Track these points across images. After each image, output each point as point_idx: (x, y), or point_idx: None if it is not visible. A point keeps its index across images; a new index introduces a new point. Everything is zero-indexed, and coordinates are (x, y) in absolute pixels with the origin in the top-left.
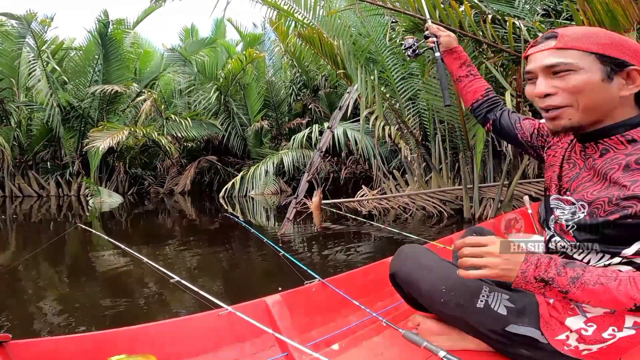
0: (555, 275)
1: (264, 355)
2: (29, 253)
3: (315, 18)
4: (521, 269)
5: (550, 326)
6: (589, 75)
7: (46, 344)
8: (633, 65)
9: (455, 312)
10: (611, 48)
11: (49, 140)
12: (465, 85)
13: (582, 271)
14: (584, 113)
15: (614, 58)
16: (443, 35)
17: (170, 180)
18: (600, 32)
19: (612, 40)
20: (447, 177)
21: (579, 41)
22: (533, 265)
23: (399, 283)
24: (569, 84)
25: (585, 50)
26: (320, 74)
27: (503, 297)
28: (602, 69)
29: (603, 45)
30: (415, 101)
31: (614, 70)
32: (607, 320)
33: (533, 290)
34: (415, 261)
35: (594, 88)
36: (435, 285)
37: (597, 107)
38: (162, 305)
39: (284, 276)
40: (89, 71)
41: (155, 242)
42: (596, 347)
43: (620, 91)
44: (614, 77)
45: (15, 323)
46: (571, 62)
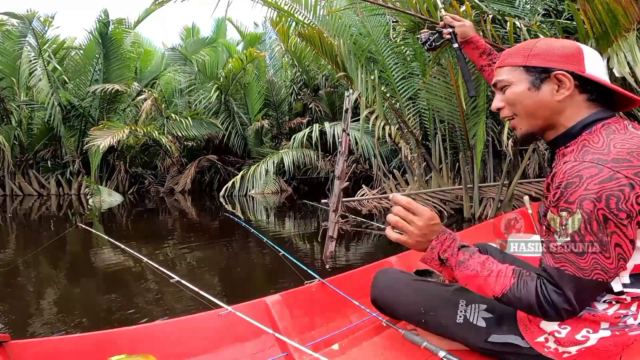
0: (449, 256)
1: (264, 355)
2: (29, 252)
3: (316, 18)
4: (431, 245)
5: (530, 329)
6: (517, 87)
7: (46, 344)
8: (558, 69)
9: (438, 331)
10: (534, 58)
11: (50, 139)
12: (490, 74)
13: (469, 256)
14: (527, 121)
15: (537, 67)
16: (458, 25)
17: (170, 180)
18: (529, 44)
19: (536, 50)
20: (447, 177)
21: (510, 57)
22: (440, 243)
23: (381, 307)
24: (507, 97)
25: (513, 65)
26: (321, 74)
27: (480, 308)
28: (528, 78)
29: (526, 56)
30: (416, 101)
31: (539, 78)
32: (581, 323)
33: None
34: (390, 288)
35: (523, 98)
36: (413, 308)
37: (535, 114)
38: (162, 305)
39: (284, 276)
40: (90, 70)
41: (156, 242)
42: (575, 349)
43: (554, 96)
44: (541, 84)
45: (15, 323)
46: (504, 77)
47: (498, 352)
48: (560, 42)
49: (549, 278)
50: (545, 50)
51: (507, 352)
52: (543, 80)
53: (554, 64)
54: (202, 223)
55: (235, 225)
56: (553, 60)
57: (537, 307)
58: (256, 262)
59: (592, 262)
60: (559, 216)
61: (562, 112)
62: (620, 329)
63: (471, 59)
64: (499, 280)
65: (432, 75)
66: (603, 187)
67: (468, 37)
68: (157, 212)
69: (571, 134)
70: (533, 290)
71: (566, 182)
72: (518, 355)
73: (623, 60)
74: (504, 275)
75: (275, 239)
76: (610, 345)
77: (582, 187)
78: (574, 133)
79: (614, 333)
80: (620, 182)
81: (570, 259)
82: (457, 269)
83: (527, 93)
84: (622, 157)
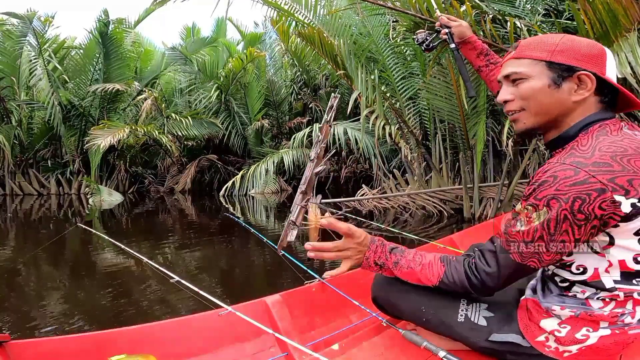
0: (385, 260)
1: (264, 355)
2: (29, 252)
3: (316, 17)
4: (365, 255)
5: (530, 328)
6: (536, 82)
7: (46, 344)
8: (583, 69)
9: (439, 329)
10: (559, 54)
11: (50, 138)
12: (487, 75)
13: (400, 256)
14: (536, 117)
15: (561, 64)
16: (454, 25)
17: (170, 179)
18: (554, 39)
19: (562, 47)
20: (447, 177)
21: (531, 49)
22: (373, 252)
23: (382, 305)
24: (521, 91)
25: (535, 58)
26: (321, 73)
27: (482, 307)
28: (549, 75)
29: (551, 52)
30: (416, 100)
31: (561, 76)
32: (580, 322)
33: (374, 271)
34: (391, 285)
35: (541, 94)
36: (414, 307)
37: (548, 112)
38: (162, 305)
39: (284, 276)
40: (90, 70)
41: (156, 241)
42: (575, 348)
43: (572, 96)
44: (562, 82)
45: (15, 323)
46: (522, 70)
47: (499, 351)
48: (586, 41)
49: (481, 256)
50: (572, 47)
51: (508, 352)
52: (565, 78)
53: (579, 63)
54: (202, 222)
55: (235, 225)
56: (579, 59)
57: (467, 283)
58: (256, 262)
59: (533, 252)
60: (526, 209)
61: (573, 112)
62: (620, 328)
63: (468, 60)
64: (431, 270)
65: (432, 75)
66: (573, 189)
67: (465, 38)
68: (157, 211)
69: (569, 136)
70: (462, 271)
71: (542, 180)
72: (519, 355)
73: (624, 60)
74: (435, 264)
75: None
76: (610, 344)
77: (554, 187)
78: (572, 135)
79: (613, 332)
80: (592, 187)
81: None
82: (395, 269)
83: (546, 90)
84: (604, 161)
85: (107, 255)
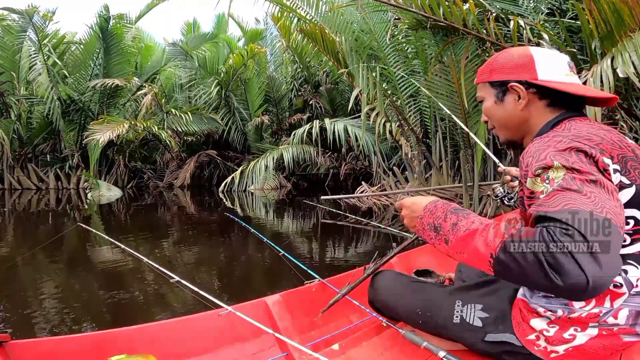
0: (442, 222)
1: (264, 355)
2: (28, 248)
3: (318, 14)
4: (420, 214)
5: (521, 327)
6: (488, 101)
7: (46, 344)
8: (513, 81)
9: (436, 331)
10: (495, 72)
11: (49, 133)
12: None
13: (463, 218)
14: (502, 130)
15: (496, 81)
16: None
17: (169, 174)
18: (492, 59)
19: (496, 65)
20: (447, 175)
21: (480, 74)
22: (429, 211)
23: (378, 308)
24: (484, 112)
25: (482, 81)
26: (322, 70)
27: (476, 308)
28: (493, 93)
29: (489, 72)
30: (417, 98)
31: (501, 91)
32: (568, 322)
33: (427, 240)
34: (387, 290)
35: (493, 111)
36: (410, 310)
37: (507, 124)
38: (162, 304)
39: (284, 276)
40: (90, 65)
41: (155, 238)
42: (562, 348)
43: (517, 106)
44: (504, 97)
45: (15, 323)
46: (480, 94)
47: (495, 351)
48: (515, 52)
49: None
50: (502, 63)
51: (503, 352)
52: (504, 92)
53: (510, 76)
54: (201, 219)
55: (234, 222)
56: (509, 73)
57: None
58: (256, 261)
59: (594, 197)
60: (538, 175)
61: (529, 119)
62: (608, 329)
63: None
64: (491, 232)
65: (434, 73)
66: (569, 143)
67: None
68: (156, 207)
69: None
70: (537, 236)
71: (534, 149)
72: (514, 355)
73: (628, 60)
74: (496, 226)
75: (275, 237)
76: (599, 348)
77: (551, 147)
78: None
79: (600, 332)
80: (582, 147)
81: (570, 196)
82: (451, 234)
83: (495, 107)
84: (582, 135)
85: (107, 255)
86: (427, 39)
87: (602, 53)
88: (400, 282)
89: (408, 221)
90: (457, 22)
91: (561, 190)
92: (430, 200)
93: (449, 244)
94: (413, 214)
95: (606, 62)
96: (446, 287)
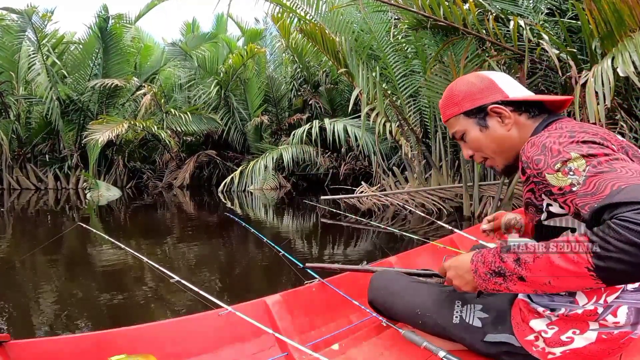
0: (501, 264)
1: (264, 355)
2: (27, 248)
3: (318, 14)
4: (472, 270)
5: (521, 327)
6: (472, 132)
7: (46, 344)
8: (489, 104)
9: (435, 331)
10: (465, 102)
11: (48, 133)
12: None
13: (518, 250)
14: (499, 158)
15: (472, 109)
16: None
17: (169, 174)
18: (451, 93)
19: (461, 95)
20: (447, 175)
21: (446, 109)
22: (480, 262)
23: (378, 308)
24: (470, 145)
25: (453, 115)
26: (321, 70)
27: (476, 308)
28: (473, 121)
29: (457, 104)
30: (417, 98)
31: (481, 117)
32: (568, 323)
33: (497, 289)
34: (387, 290)
35: (483, 139)
36: (410, 310)
37: (500, 148)
38: (162, 304)
39: (284, 276)
40: (89, 65)
41: (154, 237)
42: (559, 350)
43: (504, 127)
44: (486, 121)
45: (15, 323)
46: (457, 128)
47: (494, 351)
48: (471, 78)
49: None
50: (467, 91)
51: (503, 352)
52: (484, 117)
53: (482, 100)
54: (201, 219)
55: (234, 222)
56: (479, 98)
57: None
58: (256, 261)
59: (629, 170)
60: (558, 170)
61: (517, 136)
62: (608, 332)
63: None
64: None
65: (434, 73)
66: (572, 137)
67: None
68: (156, 207)
69: None
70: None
71: (540, 145)
72: (513, 355)
73: (628, 60)
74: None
75: (275, 236)
76: (596, 351)
77: (558, 141)
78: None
79: (600, 336)
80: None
81: (609, 177)
82: (521, 270)
83: (482, 135)
84: (576, 130)
85: (107, 254)
86: (427, 38)
87: (603, 53)
88: (400, 282)
89: (459, 281)
90: (457, 22)
91: (594, 176)
92: (471, 253)
93: (526, 279)
94: (462, 272)
95: (606, 62)
96: (446, 287)
